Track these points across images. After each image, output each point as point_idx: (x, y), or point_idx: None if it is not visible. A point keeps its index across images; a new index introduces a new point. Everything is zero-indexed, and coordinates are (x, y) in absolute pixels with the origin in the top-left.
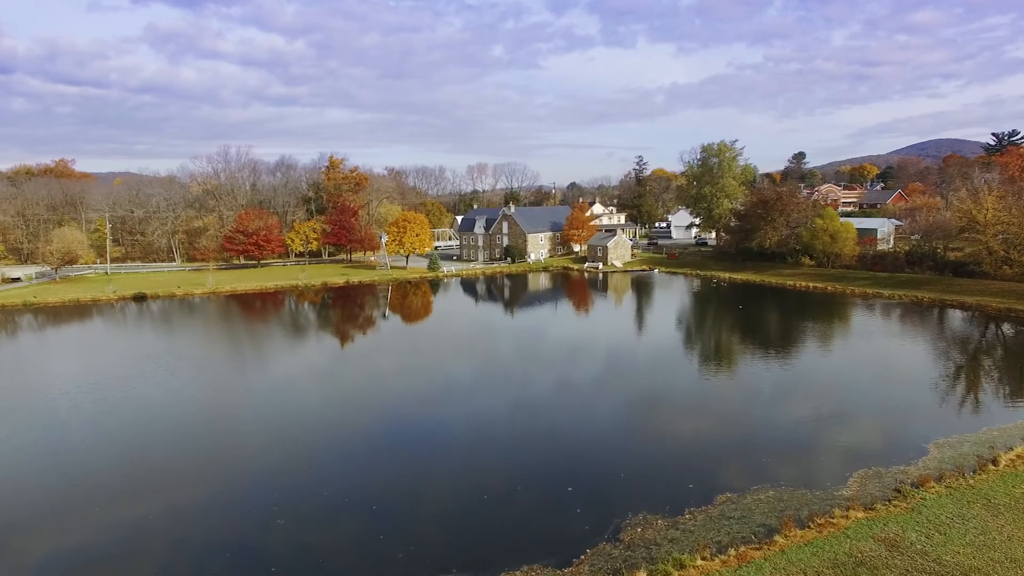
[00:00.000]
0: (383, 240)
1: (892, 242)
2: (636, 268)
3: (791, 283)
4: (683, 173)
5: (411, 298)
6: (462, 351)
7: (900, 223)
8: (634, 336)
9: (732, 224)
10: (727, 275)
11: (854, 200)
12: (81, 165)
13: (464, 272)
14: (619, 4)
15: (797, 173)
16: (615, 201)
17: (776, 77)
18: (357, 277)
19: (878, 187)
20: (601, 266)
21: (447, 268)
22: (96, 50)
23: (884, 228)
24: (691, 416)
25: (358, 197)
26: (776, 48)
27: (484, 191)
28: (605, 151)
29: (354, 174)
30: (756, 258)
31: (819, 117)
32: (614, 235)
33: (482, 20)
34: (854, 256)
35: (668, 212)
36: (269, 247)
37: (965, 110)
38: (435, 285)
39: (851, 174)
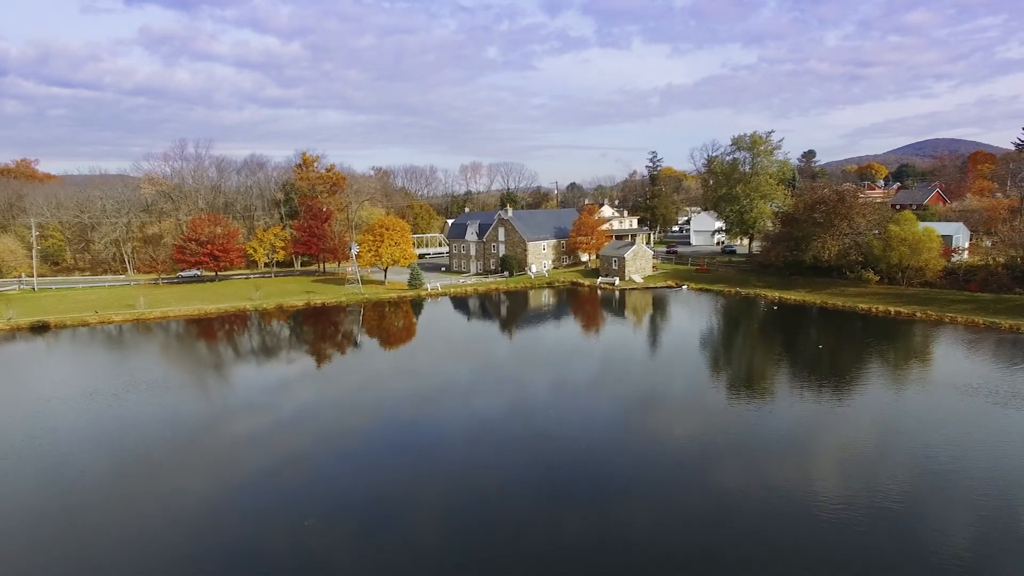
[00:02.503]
0: (353, 251)
1: (968, 252)
2: (660, 284)
3: (863, 306)
4: (706, 171)
5: (384, 324)
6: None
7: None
8: (696, 410)
9: (777, 231)
10: (775, 294)
11: (879, 201)
12: (76, 167)
13: (452, 289)
14: (613, 5)
15: (808, 172)
16: (615, 203)
17: (770, 78)
18: (321, 297)
19: (894, 187)
20: (618, 281)
21: (433, 284)
22: (90, 52)
23: (960, 235)
24: None
25: (335, 199)
26: (770, 49)
27: (478, 192)
28: (600, 152)
29: (330, 173)
30: (807, 272)
31: (813, 118)
32: (632, 244)
33: (476, 22)
34: (939, 272)
35: (678, 213)
36: (227, 258)
37: (958, 110)
38: (416, 306)
39: (858, 173)
